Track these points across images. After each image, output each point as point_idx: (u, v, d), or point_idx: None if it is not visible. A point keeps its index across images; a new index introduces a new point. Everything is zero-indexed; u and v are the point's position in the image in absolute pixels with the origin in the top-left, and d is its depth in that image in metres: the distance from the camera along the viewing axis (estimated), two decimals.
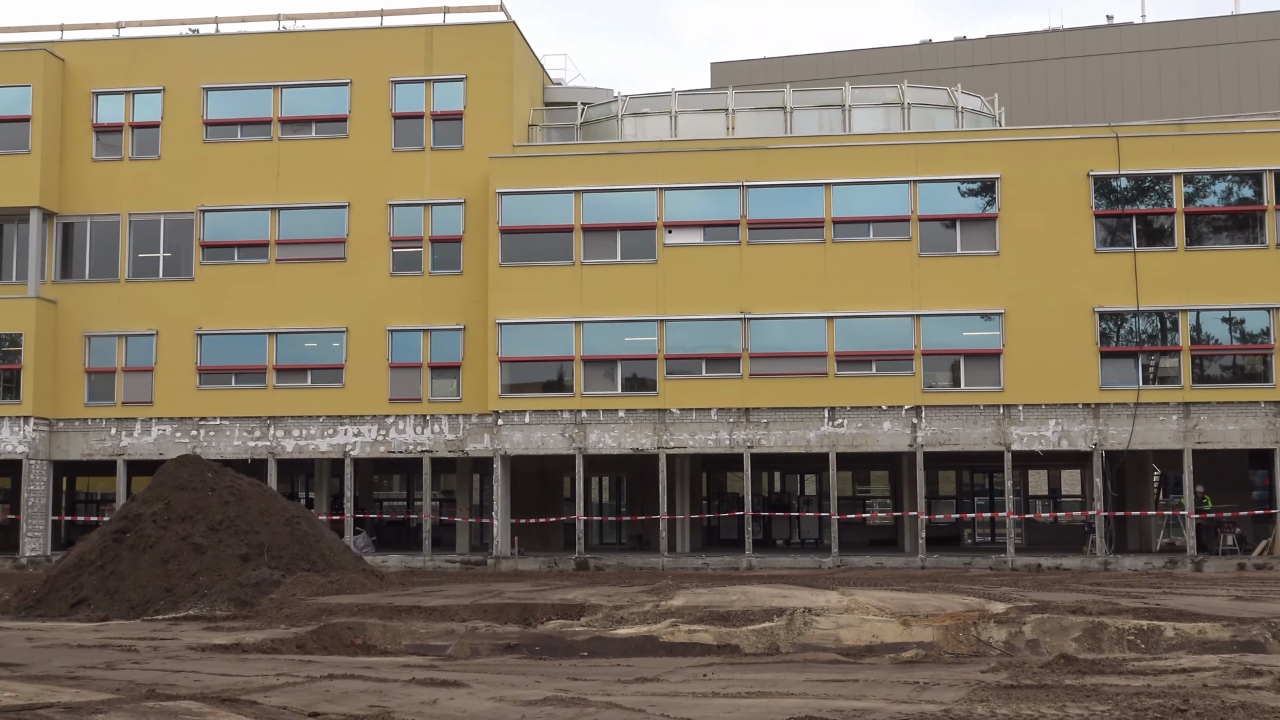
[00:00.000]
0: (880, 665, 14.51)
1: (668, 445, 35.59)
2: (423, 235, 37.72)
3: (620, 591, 21.90)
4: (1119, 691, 11.45)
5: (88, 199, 38.95)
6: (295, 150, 38.35)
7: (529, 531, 38.05)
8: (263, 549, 23.00)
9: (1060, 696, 11.28)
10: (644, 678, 12.95)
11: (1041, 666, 13.53)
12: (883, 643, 16.32)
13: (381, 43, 38.52)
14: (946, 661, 15.00)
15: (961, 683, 12.44)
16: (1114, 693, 11.39)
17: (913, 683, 12.53)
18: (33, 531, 37.57)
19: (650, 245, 36.07)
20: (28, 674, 13.01)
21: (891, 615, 17.44)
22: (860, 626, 16.81)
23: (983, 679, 12.72)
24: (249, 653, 15.38)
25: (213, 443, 37.41)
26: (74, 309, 38.58)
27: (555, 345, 36.15)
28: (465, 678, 12.79)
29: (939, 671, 13.61)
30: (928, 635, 16.49)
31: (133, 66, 39.15)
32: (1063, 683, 12.22)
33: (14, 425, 37.49)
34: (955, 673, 13.41)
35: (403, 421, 37.21)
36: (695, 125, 38.79)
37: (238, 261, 38.29)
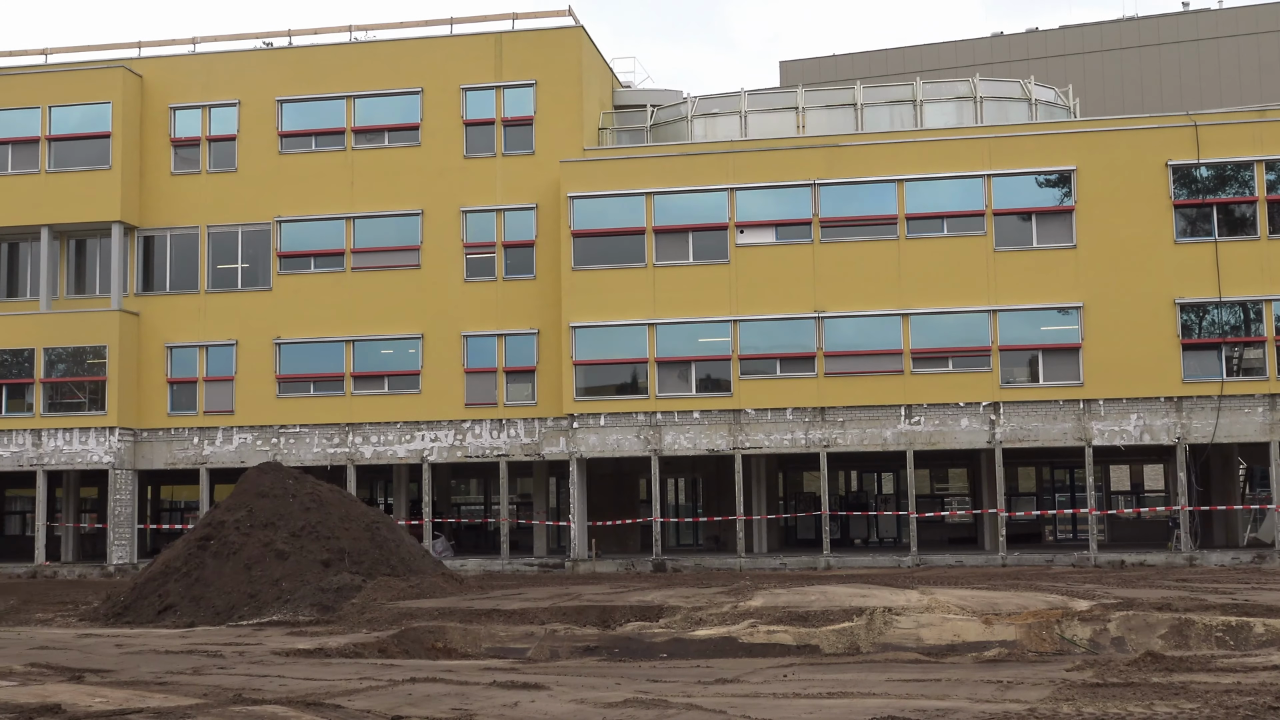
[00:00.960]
0: (962, 664, 14.37)
1: (743, 446, 35.51)
2: (495, 241, 37.94)
3: (698, 593, 21.87)
4: (1208, 689, 11.26)
5: (167, 212, 39.59)
6: (369, 159, 38.73)
7: (606, 534, 38.12)
8: (343, 554, 23.22)
9: (1148, 694, 11.11)
10: (724, 679, 12.92)
11: (1127, 665, 13.33)
12: (964, 642, 16.16)
13: (452, 51, 38.80)
14: (1030, 660, 14.82)
15: (1046, 681, 12.29)
16: (1203, 690, 11.20)
17: (996, 682, 12.40)
18: (119, 540, 38.24)
19: (722, 246, 36.01)
20: (117, 680, 13.23)
21: (973, 614, 17.27)
22: (941, 625, 16.66)
23: (1068, 677, 12.56)
24: (332, 657, 15.54)
25: (293, 450, 37.87)
26: (156, 320, 39.23)
27: (629, 347, 36.19)
28: (545, 680, 12.84)
29: (1022, 670, 13.45)
30: (1010, 634, 16.31)
31: (209, 81, 39.74)
32: (1150, 680, 12.03)
33: (100, 436, 38.18)
34: (1039, 671, 13.25)
35: (479, 426, 37.44)
36: (765, 124, 38.67)
37: (314, 271, 38.73)
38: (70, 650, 16.49)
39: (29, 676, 13.57)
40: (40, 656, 15.57)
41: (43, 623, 21.55)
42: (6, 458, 38.55)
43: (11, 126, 39.61)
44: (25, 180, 39.38)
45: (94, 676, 13.51)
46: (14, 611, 23.42)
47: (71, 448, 38.27)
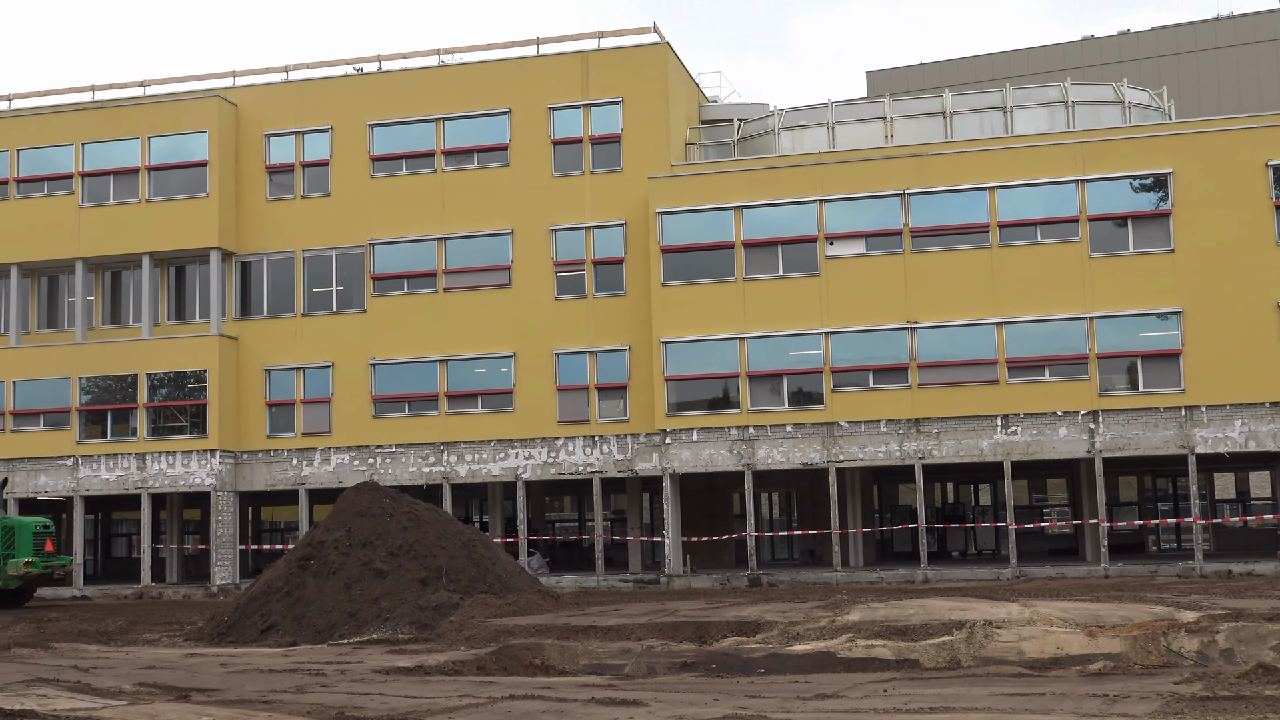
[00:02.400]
0: (1066, 678, 14.12)
1: (837, 459, 35.28)
2: (585, 258, 38.12)
3: (795, 607, 21.73)
4: None
5: (263, 237, 40.31)
6: (459, 180, 39.13)
7: (700, 549, 38.06)
8: (441, 572, 23.40)
9: (1260, 708, 10.84)
10: (823, 694, 12.82)
11: (1238, 677, 13.01)
12: (1068, 655, 15.88)
13: (538, 71, 39.10)
14: (1136, 673, 14.52)
15: (1154, 695, 12.04)
16: None
17: (1102, 695, 12.17)
18: (222, 561, 38.90)
19: (812, 258, 35.86)
20: (223, 698, 13.44)
21: (1076, 626, 16.97)
22: (1044, 638, 16.38)
23: (1176, 690, 12.29)
24: (431, 675, 15.65)
25: (389, 469, 38.29)
26: (254, 344, 39.93)
27: (720, 362, 36.14)
28: (644, 696, 12.82)
29: (1129, 683, 13.19)
30: (1115, 646, 15.99)
31: (302, 107, 40.43)
32: (1262, 693, 11.73)
33: (201, 459, 38.90)
34: (1146, 684, 12.98)
35: (572, 443, 37.59)
36: (853, 135, 38.48)
37: (407, 292, 39.19)
38: (177, 670, 16.79)
39: (138, 696, 13.83)
40: (148, 676, 15.86)
41: (149, 643, 21.97)
42: (112, 481, 39.42)
43: (113, 158, 40.60)
44: (126, 210, 40.33)
45: (200, 695, 13.73)
46: (122, 632, 23.91)
47: (174, 470, 39.03)
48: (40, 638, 22.43)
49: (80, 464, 39.58)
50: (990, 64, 59.48)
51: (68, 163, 40.83)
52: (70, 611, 30.98)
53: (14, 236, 40.88)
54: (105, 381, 39.89)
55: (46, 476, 39.78)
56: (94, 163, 40.75)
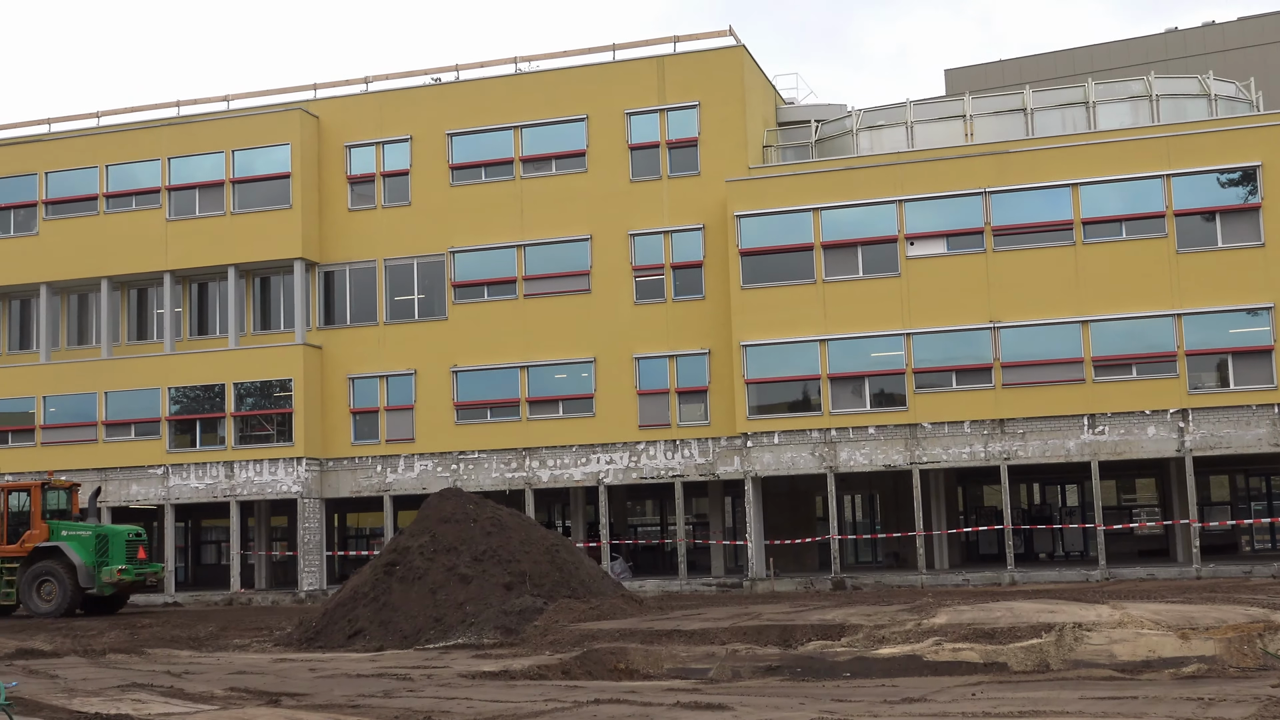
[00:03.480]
0: (1159, 681, 13.88)
1: (920, 460, 34.98)
2: (664, 262, 38.15)
3: (880, 610, 21.56)
4: None
5: (346, 247, 40.78)
6: (537, 187, 39.33)
7: (783, 552, 37.92)
8: (525, 577, 23.50)
9: None
10: (910, 698, 12.70)
11: None
12: (1160, 658, 15.60)
13: (615, 76, 39.20)
14: (1231, 676, 14.24)
15: (1250, 698, 11.80)
16: None
17: (1196, 699, 11.94)
18: (309, 567, 39.38)
19: (892, 258, 35.60)
20: (312, 703, 13.60)
21: (1168, 628, 16.67)
22: (1135, 641, 16.11)
23: (1273, 694, 12.03)
24: (517, 679, 15.72)
25: (472, 475, 38.55)
26: (338, 353, 40.40)
27: (801, 364, 35.98)
28: (729, 700, 12.78)
29: (1223, 687, 12.93)
30: (1209, 649, 15.69)
31: (381, 118, 40.86)
32: None
33: (288, 466, 39.42)
34: (1241, 688, 12.72)
35: (653, 448, 37.61)
36: (932, 134, 38.14)
37: (487, 299, 39.44)
38: (267, 674, 17.01)
39: (229, 700, 14.04)
40: (239, 681, 16.09)
41: (240, 648, 22.29)
42: (201, 489, 40.06)
43: (198, 171, 41.30)
44: (212, 222, 40.99)
45: (290, 700, 13.90)
46: (213, 637, 24.29)
47: (262, 478, 39.59)
48: (134, 643, 22.85)
49: (170, 473, 40.27)
50: (1071, 59, 58.66)
51: (154, 177, 41.59)
52: (162, 617, 31.52)
53: (104, 250, 41.71)
54: (193, 391, 40.57)
55: (138, 485, 40.52)
56: (180, 177, 41.48)
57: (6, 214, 42.97)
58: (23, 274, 42.46)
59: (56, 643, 22.74)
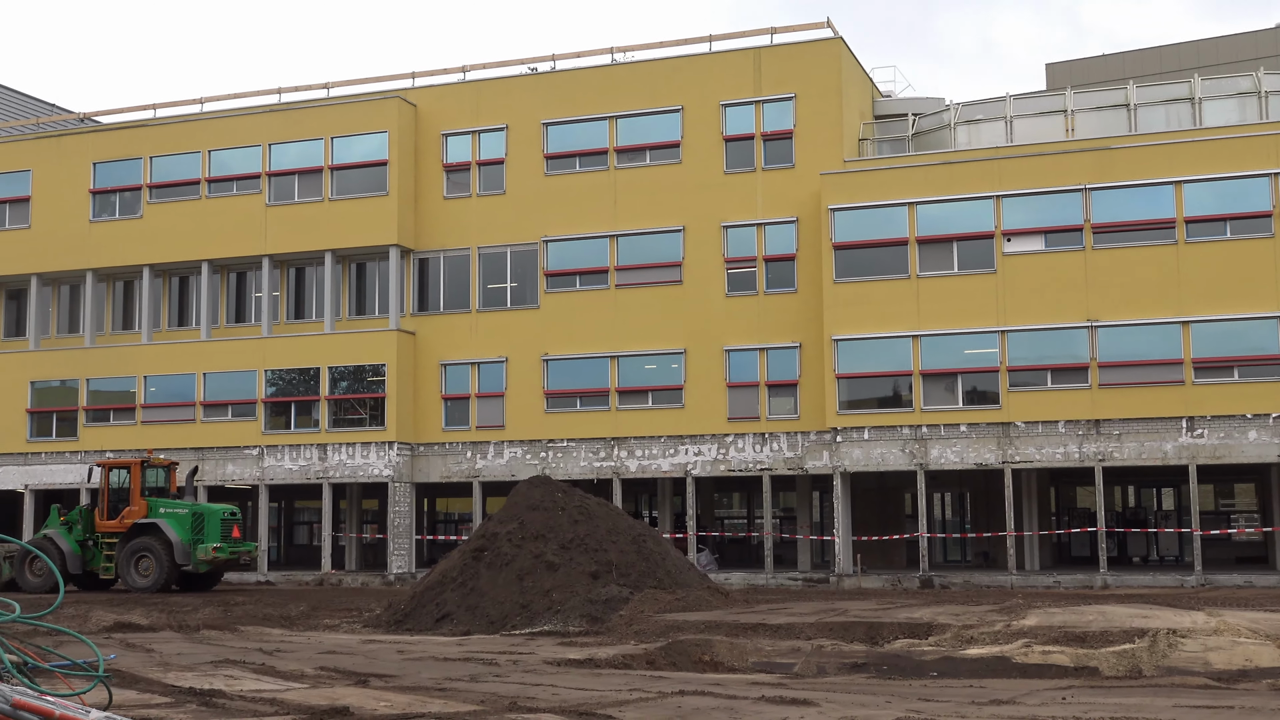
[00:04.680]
0: (1256, 691, 13.57)
1: (1013, 460, 34.53)
2: (756, 255, 38.01)
3: (968, 610, 21.33)
4: None
5: (440, 235, 41.15)
6: (631, 178, 39.37)
7: (870, 549, 37.65)
8: (611, 566, 23.56)
9: None
10: (998, 700, 12.55)
11: None
12: (1257, 667, 15.26)
13: (710, 68, 39.11)
14: None
15: None
16: None
17: None
18: (398, 550, 39.84)
19: (988, 254, 35.16)
20: (400, 685, 13.75)
21: (1266, 637, 16.30)
22: (1231, 649, 15.78)
23: None
24: (601, 668, 15.77)
25: (560, 464, 38.73)
26: (431, 339, 40.79)
27: (893, 360, 35.68)
28: (814, 696, 12.71)
29: None
30: None
31: (478, 107, 41.15)
32: None
33: (380, 450, 39.89)
34: None
35: (742, 440, 37.53)
36: (1032, 129, 37.59)
37: (579, 289, 39.59)
38: (355, 655, 17.23)
39: (319, 680, 14.24)
40: (328, 661, 16.32)
41: (330, 628, 22.60)
42: (295, 470, 40.68)
43: (298, 158, 41.89)
44: (310, 208, 41.57)
45: (378, 681, 14.06)
46: (304, 617, 24.66)
47: (354, 461, 40.10)
48: (227, 620, 23.27)
49: (265, 454, 40.94)
50: (1176, 54, 57.53)
51: (255, 163, 42.26)
52: (255, 596, 32.07)
53: (205, 234, 42.48)
54: (289, 374, 41.19)
55: (234, 465, 41.25)
56: (280, 163, 42.11)
57: (113, 197, 43.92)
58: (127, 256, 43.39)
59: (153, 617, 23.23)
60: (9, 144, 45.77)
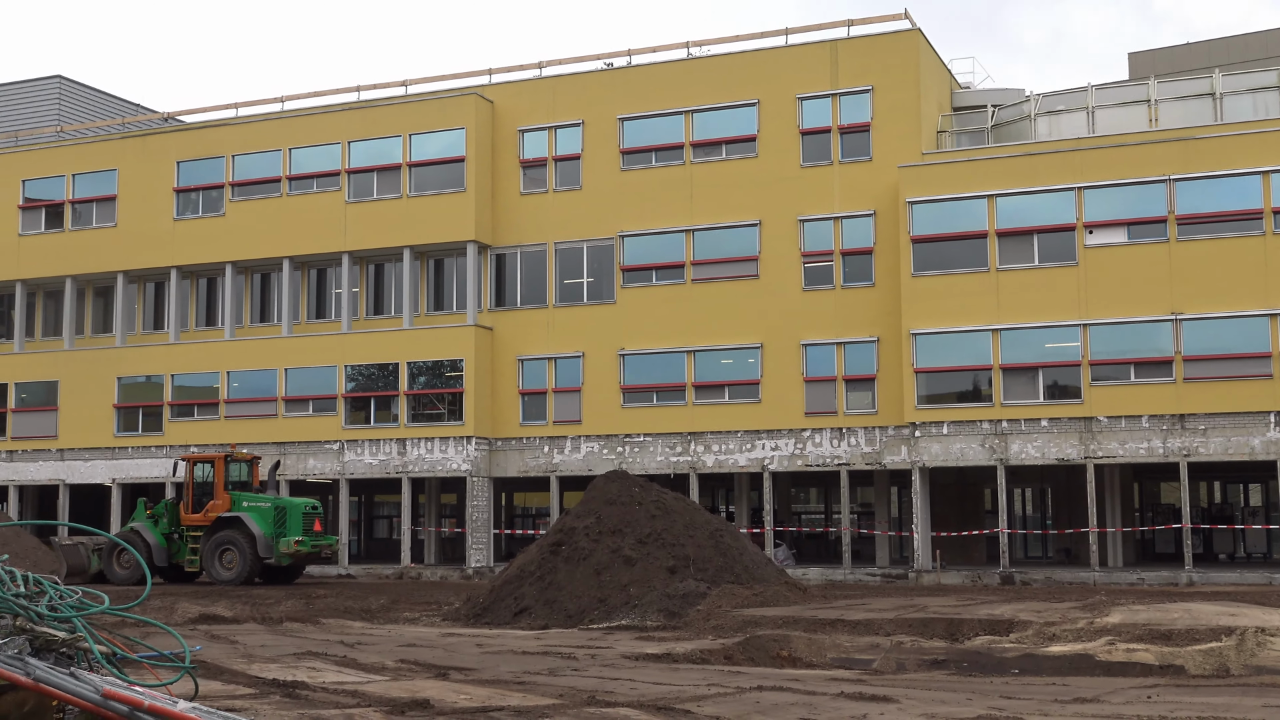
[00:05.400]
0: None
1: (1095, 455, 34.06)
2: (833, 249, 37.80)
3: (1050, 607, 21.08)
4: None
5: (517, 231, 41.34)
6: (707, 172, 39.30)
7: (950, 544, 37.32)
8: (688, 561, 23.56)
9: None
10: (1082, 698, 12.38)
11: None
12: None
13: (787, 61, 38.93)
14: None
15: None
16: None
17: None
18: (477, 544, 40.11)
19: (1070, 247, 34.69)
20: (479, 678, 13.84)
21: None
22: None
23: None
24: (679, 662, 15.77)
25: (637, 458, 38.77)
26: (508, 334, 41.00)
27: (972, 354, 35.33)
28: (894, 693, 12.63)
29: None
30: None
31: (554, 103, 41.27)
32: None
33: (458, 445, 40.17)
34: None
35: (819, 435, 37.35)
36: (1114, 120, 37.02)
37: (656, 283, 39.59)
38: (435, 648, 17.37)
39: (399, 672, 14.37)
40: (409, 654, 16.46)
41: (409, 621, 22.81)
42: (375, 465, 41.08)
43: (377, 155, 42.28)
44: (389, 205, 41.94)
45: (458, 674, 14.17)
46: (384, 610, 24.91)
47: (433, 456, 40.42)
48: (309, 613, 23.57)
49: (345, 448, 41.39)
50: (1262, 42, 56.37)
51: (335, 161, 42.71)
52: (336, 589, 32.44)
53: (286, 231, 43.02)
54: (369, 370, 41.61)
55: (315, 460, 41.74)
56: (359, 160, 42.52)
57: (196, 195, 44.60)
58: (210, 253, 44.05)
59: (237, 609, 23.58)
60: (96, 144, 46.65)
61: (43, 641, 7.75)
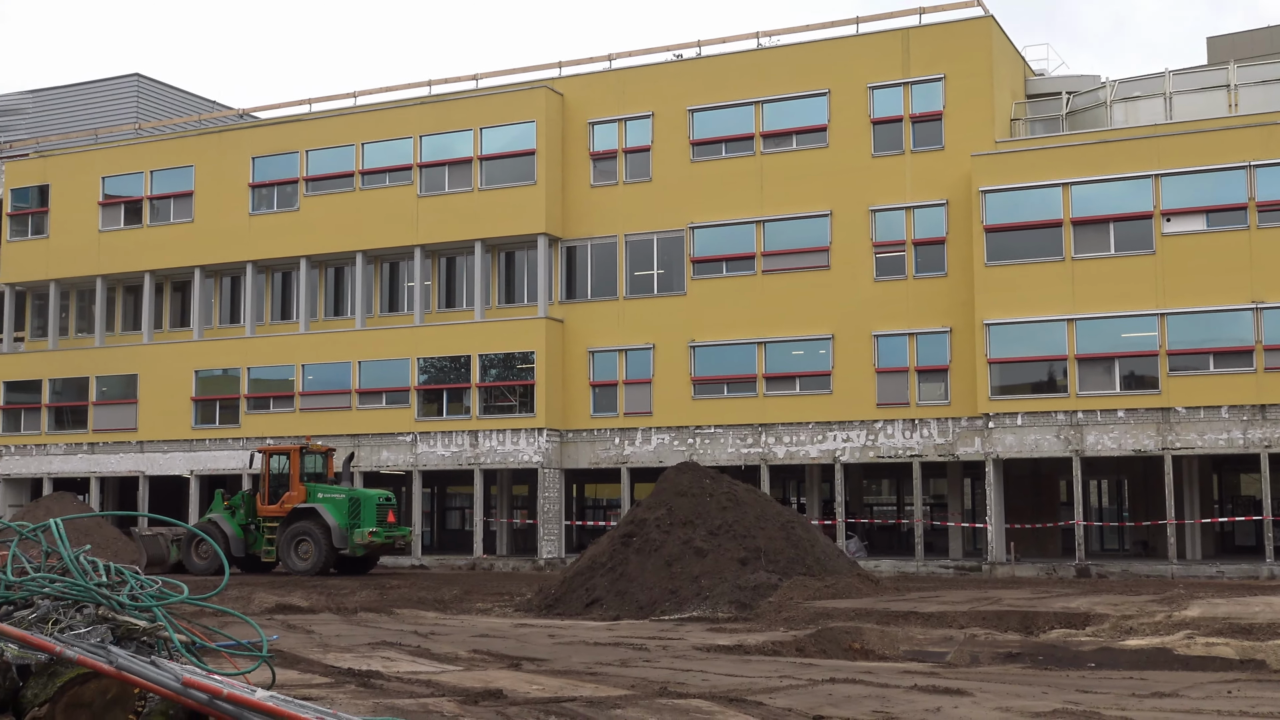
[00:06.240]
0: None
1: (1173, 446, 33.55)
2: (905, 239, 37.52)
3: (1127, 600, 20.82)
4: None
5: (587, 223, 41.42)
6: (777, 163, 39.14)
7: (1024, 536, 36.95)
8: (759, 553, 23.52)
9: None
10: (1160, 692, 12.22)
11: None
12: None
13: (857, 50, 38.67)
14: None
15: None
16: None
17: None
18: (548, 535, 40.28)
19: (1147, 235, 34.18)
20: (551, 669, 13.90)
21: None
22: None
23: None
24: (750, 654, 15.75)
25: (708, 450, 38.75)
26: (578, 326, 41.11)
27: (1046, 344, 34.93)
28: (968, 686, 12.53)
29: None
30: None
31: (624, 95, 41.29)
32: None
33: (530, 437, 40.36)
34: None
35: (890, 426, 37.11)
36: (1192, 105, 36.40)
37: (726, 275, 39.52)
38: (508, 639, 17.48)
39: (472, 662, 14.47)
40: (481, 644, 16.58)
41: (482, 612, 22.96)
42: (447, 457, 41.38)
43: (448, 149, 42.54)
44: (460, 198, 42.19)
45: (530, 665, 14.24)
46: (457, 600, 25.09)
47: (504, 448, 40.64)
48: (383, 603, 23.80)
49: (418, 440, 41.72)
50: None
51: (407, 155, 43.03)
52: (409, 579, 32.73)
53: (359, 225, 43.41)
54: (441, 362, 41.90)
55: (388, 451, 42.12)
56: (431, 154, 42.80)
57: (271, 190, 45.13)
58: (285, 248, 44.56)
59: (312, 599, 23.86)
60: (173, 141, 47.35)
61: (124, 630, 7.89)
